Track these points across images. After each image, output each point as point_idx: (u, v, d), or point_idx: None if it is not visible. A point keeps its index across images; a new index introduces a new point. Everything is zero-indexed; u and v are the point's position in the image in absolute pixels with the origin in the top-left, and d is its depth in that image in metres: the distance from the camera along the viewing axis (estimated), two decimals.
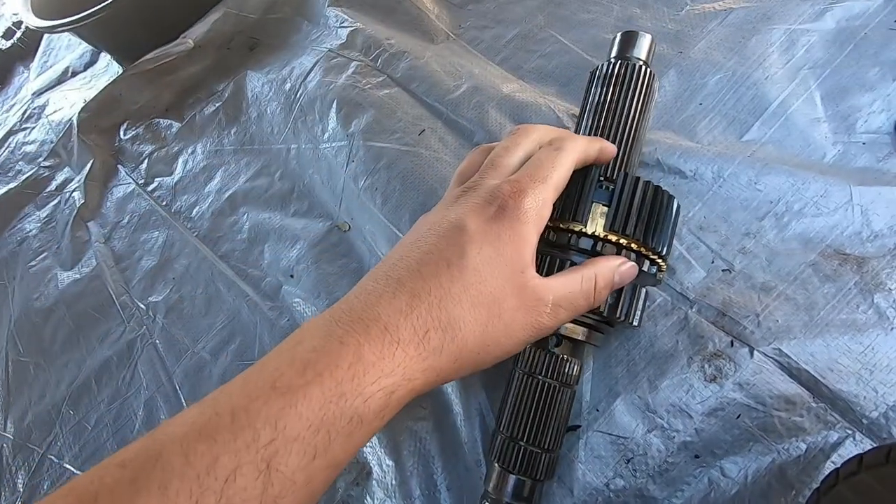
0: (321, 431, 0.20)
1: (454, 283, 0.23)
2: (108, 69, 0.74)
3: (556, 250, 0.28)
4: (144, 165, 0.61)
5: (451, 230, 0.25)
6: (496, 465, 0.29)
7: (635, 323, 0.29)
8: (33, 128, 0.73)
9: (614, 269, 0.27)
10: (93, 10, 0.58)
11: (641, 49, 0.32)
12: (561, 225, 0.27)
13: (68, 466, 0.46)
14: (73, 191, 0.62)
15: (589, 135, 0.31)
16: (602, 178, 0.28)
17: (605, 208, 0.27)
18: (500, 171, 0.27)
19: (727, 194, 0.34)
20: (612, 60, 0.32)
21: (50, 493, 0.45)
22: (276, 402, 0.20)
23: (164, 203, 0.57)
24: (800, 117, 0.35)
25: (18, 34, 0.89)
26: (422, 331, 0.23)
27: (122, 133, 0.64)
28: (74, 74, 0.77)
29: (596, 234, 0.27)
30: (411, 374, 0.22)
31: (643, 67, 0.32)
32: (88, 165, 0.62)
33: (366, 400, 0.21)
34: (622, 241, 0.27)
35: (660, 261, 0.28)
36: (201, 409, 0.21)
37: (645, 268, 0.27)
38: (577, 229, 0.27)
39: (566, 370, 0.29)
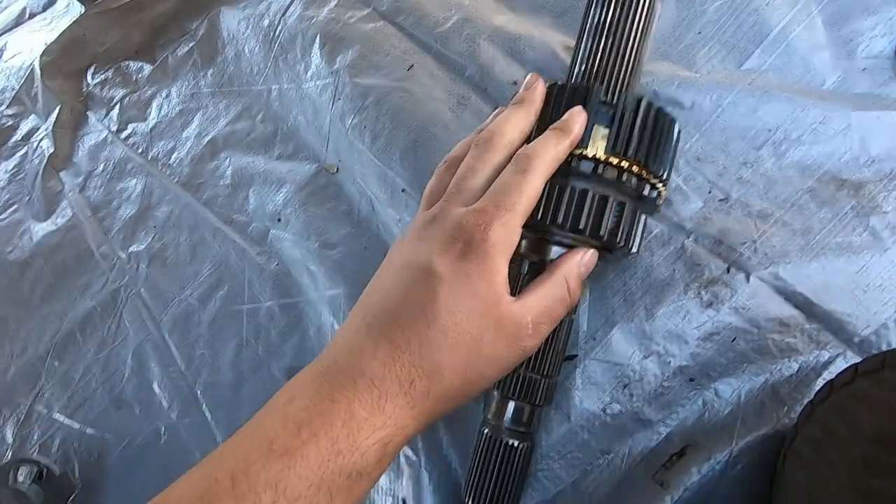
0: (322, 489, 0.21)
1: (431, 329, 0.23)
2: (69, 9, 0.69)
3: (557, 177, 0.27)
4: (116, 111, 0.57)
5: (421, 273, 0.24)
6: (495, 392, 0.29)
7: (634, 249, 0.28)
8: None
9: (578, 263, 0.27)
10: None
11: None
12: None
13: (58, 416, 0.45)
14: (41, 140, 0.59)
15: (589, 59, 0.29)
16: (603, 101, 0.27)
17: (606, 130, 0.26)
18: (465, 196, 0.26)
19: (725, 124, 0.34)
20: None
21: (40, 443, 0.44)
22: (275, 465, 0.20)
23: (139, 150, 0.54)
24: (801, 43, 0.34)
25: None
26: (407, 381, 0.23)
27: (89, 77, 0.61)
28: (32, 16, 0.72)
29: (597, 157, 0.26)
30: (403, 422, 0.23)
31: None
32: (55, 112, 0.59)
33: (363, 454, 0.22)
34: (623, 163, 0.26)
35: (660, 185, 0.27)
36: (200, 475, 0.21)
37: (646, 192, 0.27)
38: (577, 153, 0.26)
39: None
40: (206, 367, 0.42)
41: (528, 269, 0.28)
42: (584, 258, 0.27)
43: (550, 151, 0.26)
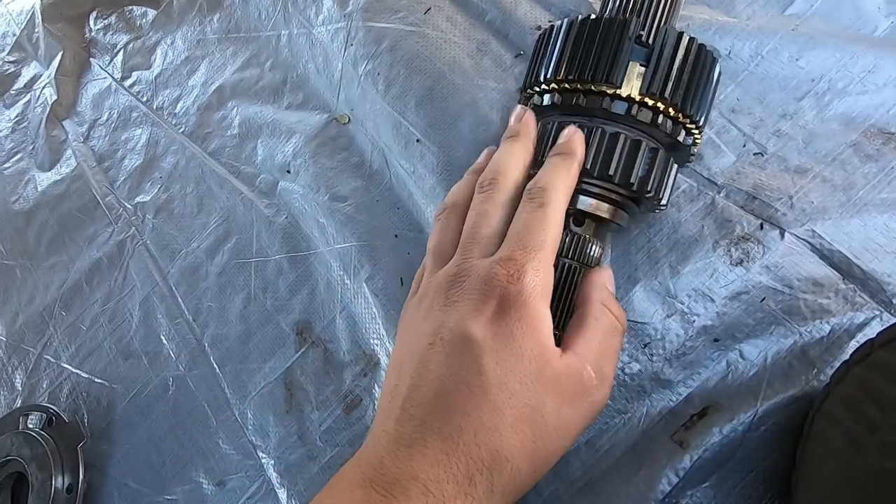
0: None
1: (483, 409, 0.20)
2: None
3: (584, 118, 0.25)
4: (120, 58, 0.55)
5: (457, 344, 0.21)
6: None
7: (664, 202, 0.27)
8: None
9: (606, 282, 0.25)
10: None
11: None
12: (593, 87, 0.24)
13: (66, 366, 0.45)
14: (44, 87, 0.57)
15: None
16: (640, 36, 0.25)
17: (643, 69, 0.24)
18: (484, 245, 0.24)
19: (765, 73, 0.31)
20: None
21: (49, 391, 0.44)
22: None
23: (144, 99, 0.52)
24: None
25: None
26: (465, 479, 0.20)
27: (91, 22, 0.58)
28: None
29: (631, 96, 0.24)
30: None
31: None
32: (58, 59, 0.57)
33: None
34: (659, 105, 0.24)
35: (696, 132, 0.26)
36: None
37: (681, 138, 0.25)
38: (610, 92, 0.24)
39: (587, 251, 0.27)
40: (214, 320, 0.41)
41: None
42: (607, 275, 0.26)
43: (564, 180, 0.24)
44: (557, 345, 0.23)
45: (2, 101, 0.60)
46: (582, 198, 0.26)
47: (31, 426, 0.41)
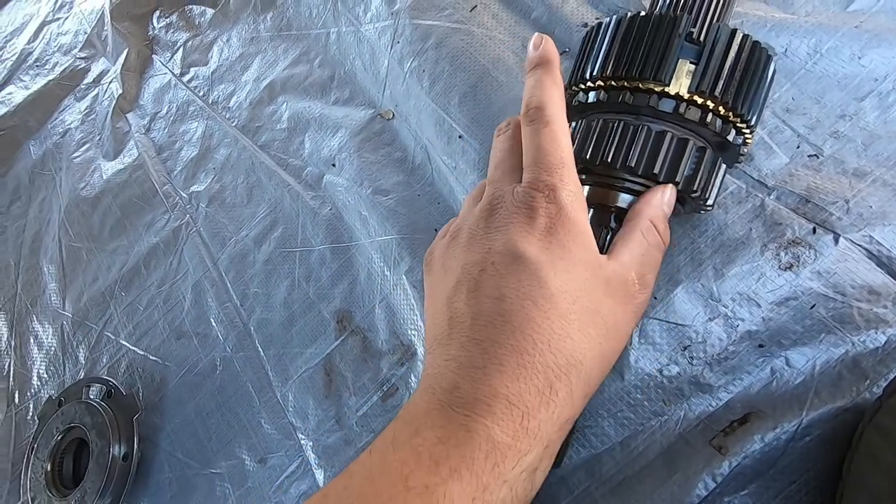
0: None
1: (551, 318, 0.21)
2: None
3: (630, 116, 0.25)
4: (179, 55, 0.58)
5: (512, 264, 0.22)
6: None
7: (710, 202, 0.26)
8: (66, 17, 0.71)
9: (661, 204, 0.25)
10: None
11: None
12: (640, 85, 0.24)
13: (124, 343, 0.48)
14: (111, 82, 0.61)
15: None
16: (690, 33, 0.24)
17: (693, 66, 0.24)
18: (499, 173, 0.26)
19: (823, 72, 0.30)
20: None
21: (109, 366, 0.47)
22: (416, 502, 0.18)
23: (201, 93, 0.55)
24: None
25: None
26: (547, 388, 0.20)
27: (155, 21, 0.62)
28: None
29: (679, 94, 0.24)
30: (549, 438, 0.21)
31: None
32: (123, 55, 0.61)
33: (512, 487, 0.20)
34: (708, 103, 0.24)
35: (746, 131, 0.25)
36: None
37: (730, 137, 0.25)
38: (658, 89, 0.24)
39: None
40: (260, 306, 0.43)
41: (592, 215, 0.27)
42: (665, 196, 0.25)
43: (555, 91, 0.25)
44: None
45: (73, 94, 0.64)
46: (624, 195, 0.26)
47: (92, 397, 0.44)
